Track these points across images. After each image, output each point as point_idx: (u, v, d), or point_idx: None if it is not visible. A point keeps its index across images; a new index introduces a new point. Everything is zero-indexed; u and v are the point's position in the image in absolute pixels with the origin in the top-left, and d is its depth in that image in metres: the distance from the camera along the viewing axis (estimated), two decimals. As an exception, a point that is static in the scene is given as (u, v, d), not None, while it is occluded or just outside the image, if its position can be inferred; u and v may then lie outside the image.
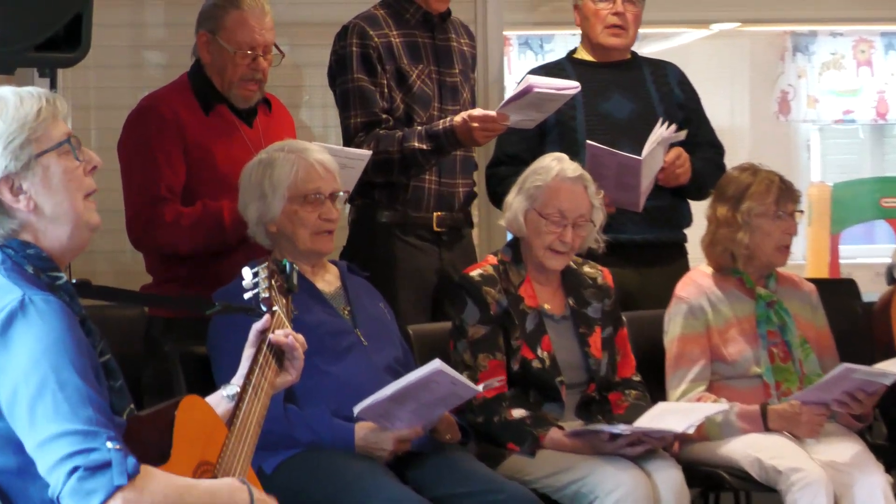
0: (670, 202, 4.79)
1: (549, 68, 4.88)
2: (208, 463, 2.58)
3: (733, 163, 4.63)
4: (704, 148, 4.87)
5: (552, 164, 4.21)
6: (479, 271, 4.17)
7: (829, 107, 8.27)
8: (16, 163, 2.57)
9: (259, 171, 3.93)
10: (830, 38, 8.16)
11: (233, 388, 2.84)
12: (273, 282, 2.97)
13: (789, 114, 8.27)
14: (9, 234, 2.60)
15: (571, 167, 4.20)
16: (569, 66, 4.89)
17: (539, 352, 4.10)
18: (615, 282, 4.33)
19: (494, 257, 4.24)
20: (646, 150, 4.45)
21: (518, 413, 4.02)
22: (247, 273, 2.99)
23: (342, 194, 3.97)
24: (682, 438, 4.08)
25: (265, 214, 3.91)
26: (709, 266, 4.44)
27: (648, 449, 3.95)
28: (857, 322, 4.76)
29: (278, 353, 2.90)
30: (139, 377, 4.07)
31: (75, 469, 2.36)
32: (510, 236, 4.36)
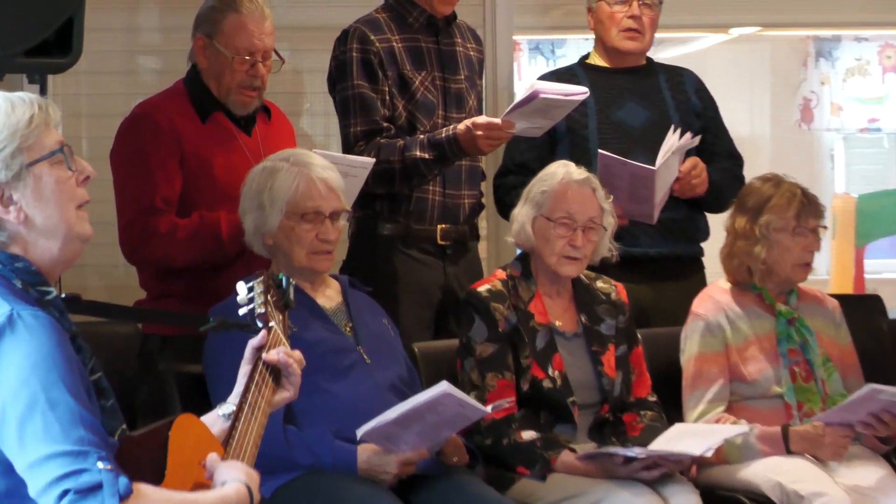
0: (686, 214, 4.80)
1: (560, 74, 4.89)
2: (204, 485, 2.58)
3: (753, 174, 4.63)
4: (722, 158, 4.87)
5: (557, 169, 4.23)
6: (487, 287, 4.17)
7: (853, 115, 8.28)
8: (6, 172, 2.57)
9: (261, 179, 3.93)
10: (855, 43, 8.18)
11: (229, 406, 2.84)
12: (269, 297, 2.98)
13: (812, 122, 8.28)
14: (-3, 247, 2.61)
15: (578, 171, 4.21)
16: (581, 71, 4.89)
17: (550, 371, 4.10)
18: (628, 297, 4.34)
19: (503, 272, 4.24)
20: (660, 159, 4.46)
21: (528, 435, 4.02)
22: (241, 288, 3.00)
23: (345, 214, 3.97)
24: (700, 462, 4.07)
25: (262, 226, 3.92)
26: (727, 280, 4.45)
27: (665, 473, 3.94)
28: (882, 340, 4.76)
29: (275, 370, 2.91)
30: (133, 396, 4.07)
31: (66, 493, 2.36)
32: (520, 251, 4.36)
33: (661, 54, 6.15)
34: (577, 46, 7.21)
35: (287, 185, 3.88)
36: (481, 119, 4.35)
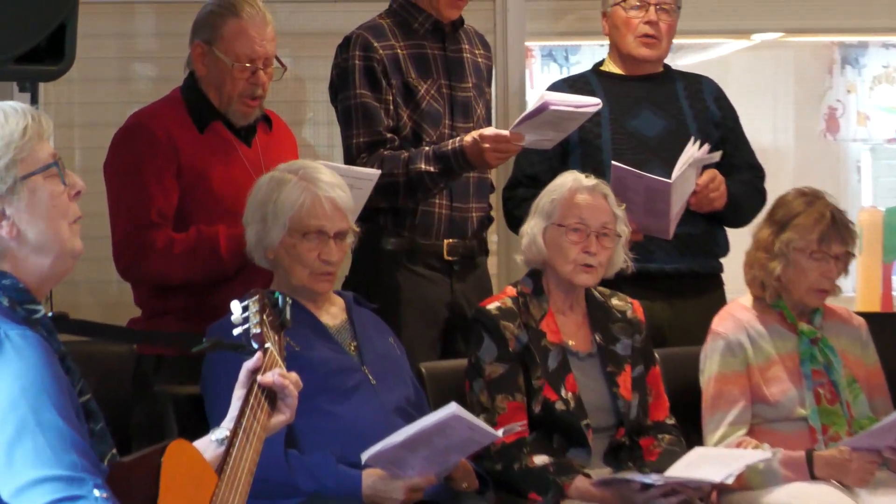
0: (704, 229, 4.78)
1: (572, 82, 4.89)
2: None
3: (775, 187, 4.62)
4: (743, 170, 4.86)
5: (566, 178, 4.24)
6: (497, 304, 4.17)
7: (881, 125, 8.26)
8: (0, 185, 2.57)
9: (267, 189, 3.92)
10: (882, 50, 8.16)
11: (222, 431, 2.83)
12: (265, 316, 2.98)
13: (837, 132, 8.27)
14: (-16, 263, 2.60)
15: (587, 178, 4.22)
16: (595, 79, 4.89)
17: (563, 392, 4.10)
18: (644, 315, 4.34)
19: (513, 289, 4.24)
20: (676, 172, 4.44)
21: (540, 460, 4.02)
22: (236, 307, 2.99)
23: (352, 233, 3.96)
24: (721, 488, 4.07)
25: (263, 239, 3.92)
26: (750, 294, 4.43)
27: (683, 500, 3.93)
28: (911, 360, 4.75)
29: (271, 393, 2.90)
30: (127, 420, 4.06)
31: (59, 519, 2.36)
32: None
33: (680, 61, 6.16)
34: (592, 53, 7.19)
35: (292, 200, 3.87)
36: (489, 131, 4.34)
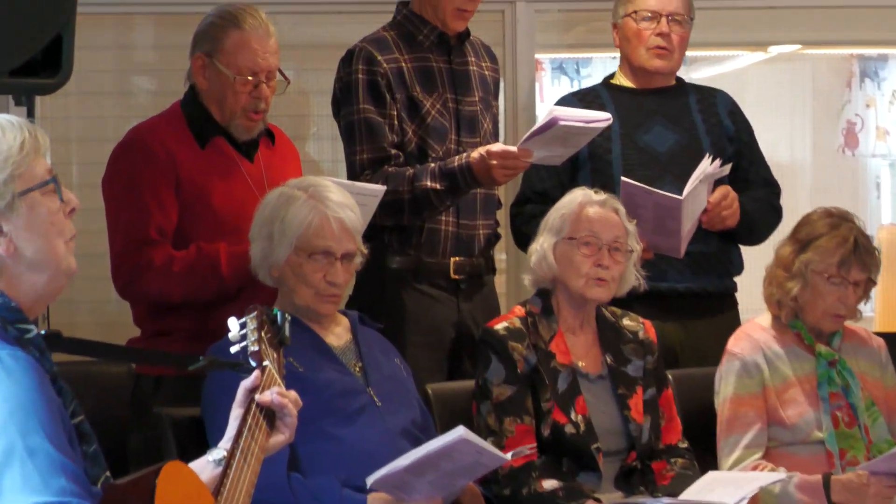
0: (717, 247, 4.78)
1: (582, 96, 4.90)
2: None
3: (791, 203, 4.62)
4: (758, 186, 4.86)
5: (575, 194, 4.25)
6: (505, 324, 4.17)
7: (901, 140, 8.27)
8: None
9: (275, 206, 3.92)
10: (902, 63, 8.18)
11: (219, 451, 2.83)
12: (263, 334, 2.98)
13: (856, 148, 8.27)
14: (-23, 281, 2.60)
15: (597, 193, 4.23)
16: (605, 92, 4.90)
17: (573, 415, 4.10)
18: (656, 336, 4.35)
19: (522, 308, 4.24)
20: (687, 188, 4.44)
21: (549, 484, 4.02)
22: (233, 325, 2.99)
23: (359, 255, 3.96)
24: (735, 512, 4.08)
25: (269, 256, 3.92)
26: (767, 314, 4.43)
27: (696, 524, 3.96)
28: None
29: (269, 413, 2.89)
30: (125, 441, 4.06)
31: (46, 545, 2.35)
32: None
33: (695, 74, 6.17)
34: (603, 65, 7.20)
35: (300, 219, 3.87)
36: (496, 147, 4.33)
